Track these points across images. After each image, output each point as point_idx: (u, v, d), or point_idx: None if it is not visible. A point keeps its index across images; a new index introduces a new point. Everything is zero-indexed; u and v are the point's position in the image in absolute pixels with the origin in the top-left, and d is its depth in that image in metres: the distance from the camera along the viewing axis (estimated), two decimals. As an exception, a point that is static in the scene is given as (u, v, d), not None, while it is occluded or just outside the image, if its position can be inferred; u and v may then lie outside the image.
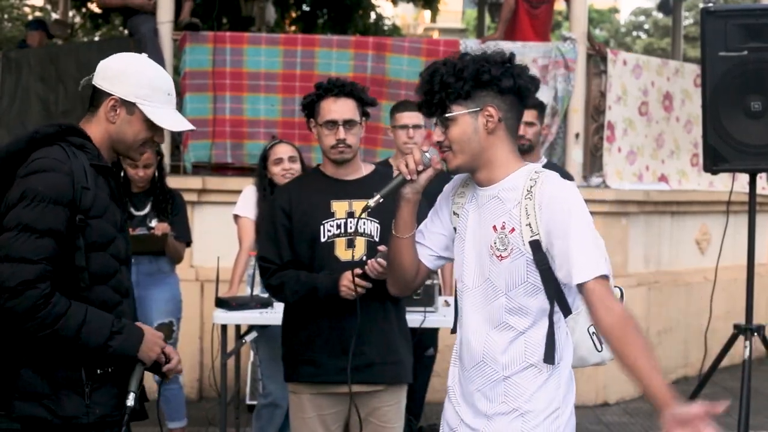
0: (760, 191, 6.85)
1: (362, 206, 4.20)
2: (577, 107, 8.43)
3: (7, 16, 29.44)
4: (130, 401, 3.15)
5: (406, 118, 5.82)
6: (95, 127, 3.20)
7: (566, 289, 2.98)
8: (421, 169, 3.12)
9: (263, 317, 5.32)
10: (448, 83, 2.97)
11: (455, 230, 3.19)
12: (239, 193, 6.20)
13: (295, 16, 17.96)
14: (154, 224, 5.88)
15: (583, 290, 2.88)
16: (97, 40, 18.31)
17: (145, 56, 3.31)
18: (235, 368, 6.05)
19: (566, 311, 3.02)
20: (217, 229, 7.02)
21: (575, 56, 8.35)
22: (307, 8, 17.61)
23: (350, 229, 4.26)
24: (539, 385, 2.99)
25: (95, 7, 15.49)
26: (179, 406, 6.25)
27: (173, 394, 6.17)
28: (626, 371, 2.86)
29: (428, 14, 26.53)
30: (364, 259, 4.21)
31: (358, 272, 4.08)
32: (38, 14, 25.12)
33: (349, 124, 4.24)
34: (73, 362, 3.06)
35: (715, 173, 6.15)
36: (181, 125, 3.29)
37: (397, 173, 3.16)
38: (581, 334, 3.08)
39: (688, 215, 9.28)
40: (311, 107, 4.32)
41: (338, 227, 4.27)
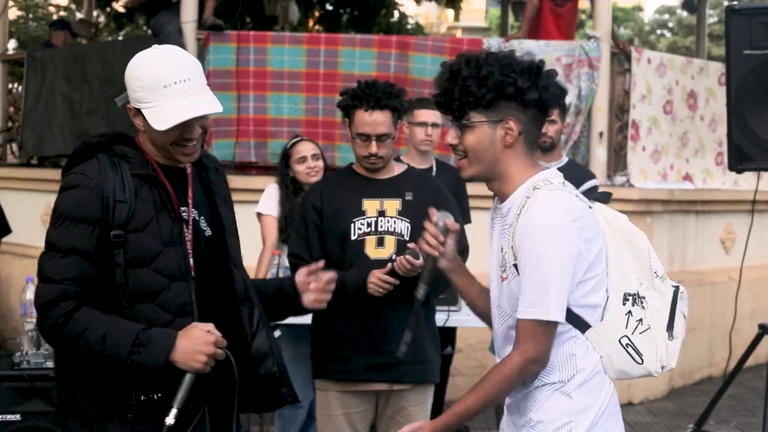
0: (785, 190, 6.82)
1: (393, 205, 4.26)
2: (601, 106, 8.40)
3: (31, 15, 29.64)
4: (169, 419, 2.87)
5: (425, 115, 5.76)
6: (141, 134, 3.09)
7: (583, 304, 2.86)
8: (442, 239, 3.05)
9: (287, 316, 5.31)
10: (470, 90, 2.82)
11: None
12: (263, 191, 6.21)
13: (318, 15, 17.98)
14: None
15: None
16: (121, 39, 18.36)
17: (143, 53, 3.02)
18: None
19: (581, 326, 2.88)
20: (241, 227, 7.00)
21: (599, 55, 8.32)
22: (330, 7, 17.63)
23: (381, 227, 4.28)
24: (548, 395, 2.89)
25: (119, 6, 15.58)
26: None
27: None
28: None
29: (451, 13, 26.49)
30: (393, 257, 4.22)
31: (387, 270, 4.11)
32: (62, 14, 25.28)
33: (382, 138, 4.24)
34: (121, 385, 2.94)
35: (740, 172, 6.11)
36: (183, 114, 2.93)
37: (421, 260, 3.10)
38: (612, 346, 2.89)
39: (712, 214, 9.23)
40: (347, 110, 4.32)
41: (369, 225, 4.29)
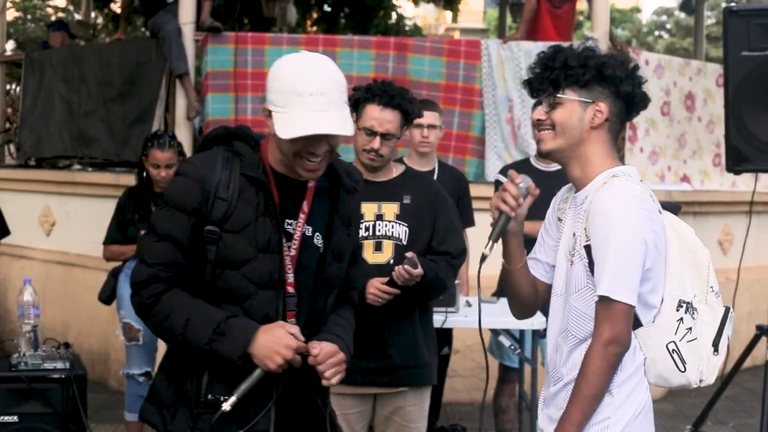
0: (783, 191, 6.82)
1: (391, 209, 4.24)
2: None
3: (30, 16, 29.64)
4: (226, 405, 2.84)
5: (421, 117, 5.78)
6: (270, 138, 2.98)
7: (640, 301, 2.87)
8: (521, 201, 2.98)
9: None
10: (570, 65, 2.90)
11: (559, 236, 3.11)
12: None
13: (316, 16, 17.99)
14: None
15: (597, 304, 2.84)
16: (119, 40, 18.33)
17: (292, 56, 2.92)
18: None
19: (634, 324, 2.88)
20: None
21: (597, 56, 8.31)
22: (328, 9, 17.64)
23: (378, 231, 4.28)
24: None
25: (118, 8, 15.58)
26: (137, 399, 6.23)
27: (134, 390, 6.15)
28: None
29: (449, 14, 26.51)
30: (391, 262, 4.21)
31: (386, 280, 4.10)
32: (61, 15, 25.26)
33: (386, 136, 4.23)
34: (193, 379, 2.94)
35: (737, 173, 6.11)
36: (308, 127, 2.79)
37: (496, 213, 2.99)
38: (658, 349, 2.92)
39: (710, 215, 9.24)
40: (356, 104, 4.30)
41: (366, 229, 4.27)
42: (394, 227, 4.28)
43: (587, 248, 2.86)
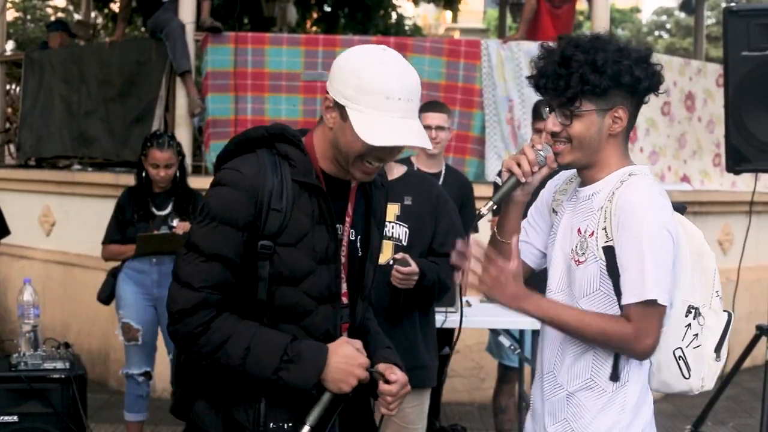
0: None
1: (392, 209, 4.23)
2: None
3: (29, 17, 29.63)
4: None
5: (430, 119, 5.77)
6: (320, 131, 2.72)
7: None
8: (536, 169, 2.83)
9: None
10: (587, 79, 2.70)
11: (552, 228, 3.00)
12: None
13: (316, 16, 17.99)
14: (175, 224, 5.90)
15: (623, 311, 2.71)
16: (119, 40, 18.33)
17: (372, 50, 2.70)
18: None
19: None
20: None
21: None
22: (328, 9, 17.64)
23: None
24: (601, 406, 2.81)
25: (117, 8, 15.59)
26: (139, 399, 6.23)
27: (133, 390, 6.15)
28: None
29: (449, 14, 26.51)
30: (390, 262, 4.22)
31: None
32: (60, 15, 25.26)
33: None
34: (254, 405, 2.65)
35: (737, 173, 6.11)
36: (397, 137, 2.58)
37: (507, 175, 2.85)
38: (665, 354, 2.83)
39: (710, 215, 9.23)
40: None
41: None
42: (394, 228, 4.28)
43: (606, 249, 2.73)
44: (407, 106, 2.63)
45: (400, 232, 4.29)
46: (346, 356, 2.63)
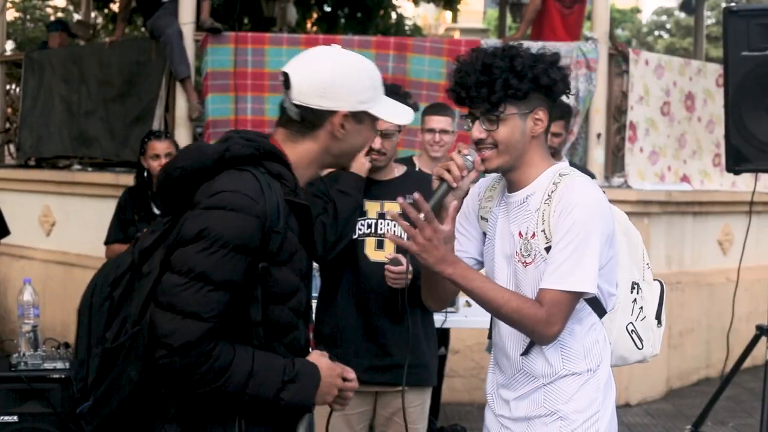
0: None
1: (394, 208, 4.23)
2: (598, 107, 8.40)
3: (29, 17, 29.63)
4: None
5: (434, 122, 5.80)
6: (309, 146, 2.72)
7: (604, 288, 2.93)
8: (465, 174, 2.90)
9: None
10: (510, 84, 2.82)
11: (485, 235, 3.07)
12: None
13: (316, 16, 17.99)
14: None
15: (539, 295, 2.82)
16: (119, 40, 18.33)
17: (344, 52, 2.83)
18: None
19: (600, 312, 2.96)
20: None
21: (597, 56, 8.32)
22: (328, 9, 17.64)
23: (380, 230, 4.30)
24: (577, 388, 2.93)
25: (117, 8, 15.59)
26: None
27: None
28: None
29: (449, 14, 26.52)
30: (388, 259, 4.22)
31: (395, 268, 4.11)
32: (60, 15, 25.26)
33: (387, 134, 4.24)
34: (230, 420, 2.59)
35: (737, 173, 6.12)
36: (404, 115, 2.83)
37: (438, 181, 2.91)
38: (619, 332, 3.03)
39: (710, 215, 9.24)
40: None
41: (369, 227, 4.30)
42: (396, 226, 4.29)
43: (548, 250, 2.83)
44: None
45: (400, 230, 4.30)
46: (328, 368, 2.68)
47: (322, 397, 2.65)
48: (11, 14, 26.45)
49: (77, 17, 16.99)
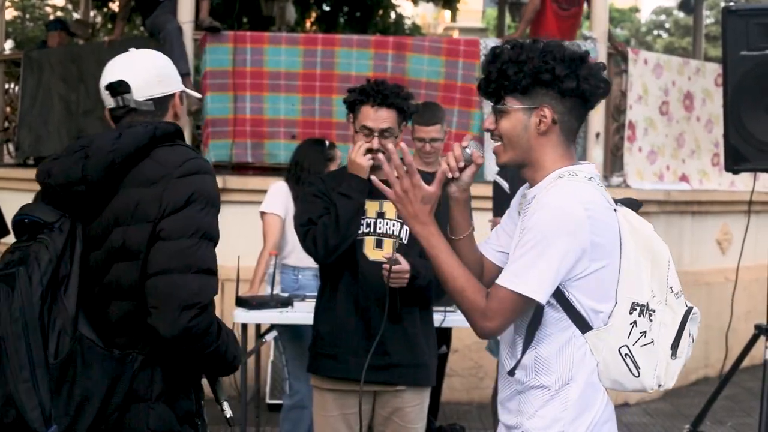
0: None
1: (392, 207, 4.20)
2: (597, 107, 8.38)
3: (28, 15, 29.62)
4: (229, 412, 2.92)
5: (424, 132, 5.70)
6: None
7: (585, 302, 2.78)
8: (462, 165, 2.90)
9: (283, 316, 5.33)
10: (506, 74, 2.80)
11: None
12: (260, 192, 6.19)
13: (315, 15, 17.99)
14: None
15: (491, 288, 2.77)
16: (118, 39, 18.34)
17: (136, 51, 3.24)
18: (255, 367, 6.07)
19: (583, 327, 2.79)
20: (237, 228, 7.04)
21: (596, 56, 8.32)
22: (327, 8, 17.64)
23: (379, 229, 4.29)
24: (542, 403, 2.82)
25: (116, 7, 15.60)
26: None
27: None
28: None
29: (448, 14, 26.51)
30: (385, 258, 4.21)
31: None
32: (59, 14, 25.25)
33: (385, 133, 4.22)
34: (189, 393, 2.84)
35: (736, 173, 6.12)
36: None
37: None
38: (610, 353, 2.80)
39: (709, 215, 9.24)
40: (352, 106, 4.31)
41: (368, 226, 4.28)
42: (395, 225, 4.29)
43: None
44: None
45: (400, 230, 4.30)
46: None
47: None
48: (10, 13, 26.45)
49: (76, 16, 17.00)
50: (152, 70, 3.01)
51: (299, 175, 5.92)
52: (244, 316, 5.37)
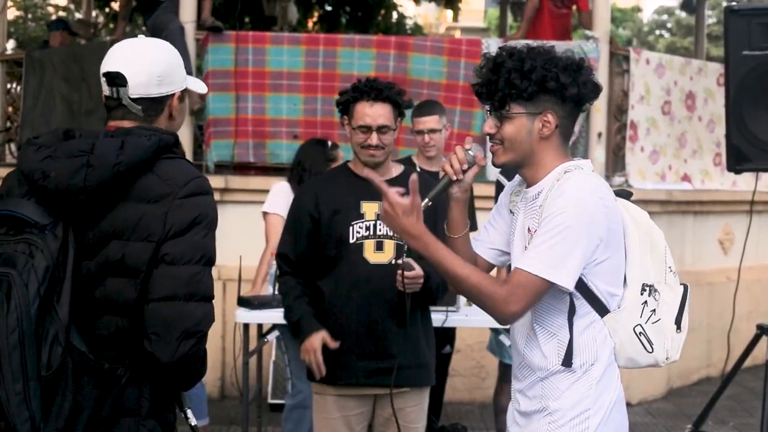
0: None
1: None
2: (599, 106, 8.39)
3: (30, 15, 29.61)
4: (193, 420, 2.98)
5: (421, 123, 5.82)
6: None
7: (602, 287, 2.95)
8: (465, 167, 3.03)
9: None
10: (513, 83, 2.91)
11: (511, 228, 3.16)
12: (262, 192, 6.19)
13: (317, 15, 17.99)
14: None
15: (508, 273, 2.93)
16: (120, 39, 18.34)
17: (146, 39, 3.01)
18: (257, 367, 6.07)
19: (601, 311, 2.97)
20: (239, 228, 7.05)
21: (598, 55, 8.32)
22: (329, 8, 17.64)
23: (379, 231, 4.27)
24: (569, 385, 2.96)
25: (118, 6, 15.60)
26: (201, 404, 6.25)
27: (195, 392, 6.17)
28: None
29: (450, 14, 26.49)
30: (393, 262, 4.22)
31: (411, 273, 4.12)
32: (61, 14, 25.24)
33: (382, 129, 4.22)
34: (170, 407, 2.86)
35: (738, 173, 6.12)
36: (201, 84, 3.16)
37: (442, 174, 3.06)
38: (626, 333, 2.99)
39: (711, 215, 9.24)
40: (346, 106, 4.30)
41: (367, 229, 4.26)
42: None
43: None
44: None
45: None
46: None
47: None
48: (12, 13, 26.45)
49: (78, 16, 16.98)
50: (155, 68, 2.80)
51: (301, 175, 5.92)
52: (246, 315, 5.37)
